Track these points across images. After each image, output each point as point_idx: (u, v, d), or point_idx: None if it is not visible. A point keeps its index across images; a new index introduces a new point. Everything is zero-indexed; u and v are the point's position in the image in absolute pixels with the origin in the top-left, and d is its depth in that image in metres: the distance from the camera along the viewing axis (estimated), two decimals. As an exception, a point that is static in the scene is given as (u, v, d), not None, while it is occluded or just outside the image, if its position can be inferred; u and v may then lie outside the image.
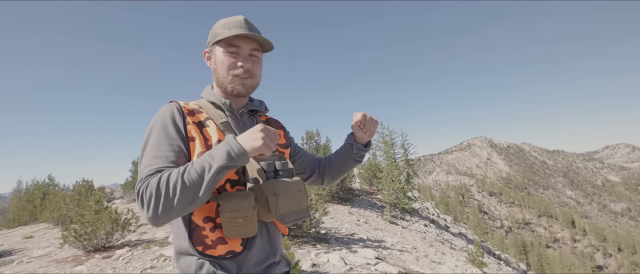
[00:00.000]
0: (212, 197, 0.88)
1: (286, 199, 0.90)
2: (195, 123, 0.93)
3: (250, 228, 0.86)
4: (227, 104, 1.01)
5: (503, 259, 12.38)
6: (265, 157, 0.97)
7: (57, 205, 8.43)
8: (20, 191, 11.94)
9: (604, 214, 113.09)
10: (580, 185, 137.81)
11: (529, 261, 56.49)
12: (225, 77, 0.99)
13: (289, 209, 0.92)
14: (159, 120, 0.90)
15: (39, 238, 7.19)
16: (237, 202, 0.84)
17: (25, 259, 5.19)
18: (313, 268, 4.40)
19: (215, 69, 1.01)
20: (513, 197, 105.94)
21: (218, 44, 0.99)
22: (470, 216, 73.40)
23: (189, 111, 0.95)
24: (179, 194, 0.74)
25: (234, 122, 1.02)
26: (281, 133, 1.18)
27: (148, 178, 0.78)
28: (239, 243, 0.90)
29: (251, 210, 0.85)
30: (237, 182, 0.93)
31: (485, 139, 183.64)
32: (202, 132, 0.93)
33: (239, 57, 0.98)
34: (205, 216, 0.89)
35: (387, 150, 13.50)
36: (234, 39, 0.97)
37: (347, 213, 9.42)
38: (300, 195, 0.98)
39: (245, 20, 0.99)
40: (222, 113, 1.01)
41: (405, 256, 5.94)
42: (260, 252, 0.95)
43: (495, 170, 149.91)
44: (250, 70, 0.99)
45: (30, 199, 10.63)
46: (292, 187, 0.95)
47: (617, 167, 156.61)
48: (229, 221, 0.84)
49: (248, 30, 0.97)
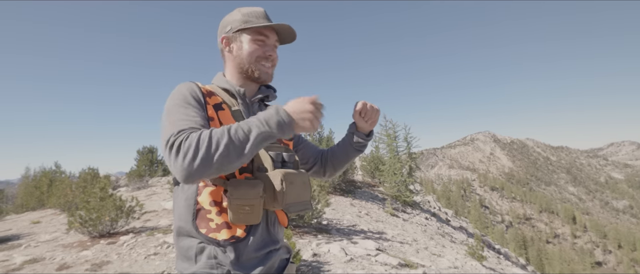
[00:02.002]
0: (220, 182, 0.89)
1: (292, 190, 0.92)
2: (213, 105, 0.94)
3: (255, 216, 0.87)
4: (241, 92, 1.02)
5: (503, 254, 12.45)
6: (273, 147, 1.00)
7: (63, 192, 8.56)
8: (28, 178, 12.10)
9: (606, 211, 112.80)
10: (583, 182, 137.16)
11: (528, 255, 56.78)
12: (252, 63, 1.01)
13: (295, 199, 0.93)
14: (181, 92, 0.89)
15: (46, 223, 7.33)
16: (246, 190, 0.85)
17: (32, 244, 5.30)
18: (314, 258, 4.47)
19: (239, 55, 1.02)
20: (515, 193, 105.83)
21: (245, 31, 1.01)
22: (472, 210, 73.54)
23: (207, 91, 0.96)
24: (222, 149, 0.72)
25: (245, 110, 1.02)
26: None
27: (185, 131, 0.75)
28: (242, 229, 0.90)
29: (258, 199, 0.86)
30: (246, 169, 0.94)
31: (489, 134, 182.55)
32: (218, 115, 0.94)
33: (266, 47, 1.02)
34: (212, 200, 0.89)
35: (390, 143, 13.50)
36: (264, 28, 1.01)
37: (348, 204, 9.48)
38: (305, 187, 0.99)
39: (267, 13, 1.04)
40: (234, 100, 1.01)
41: (406, 248, 6.00)
42: (261, 239, 0.95)
43: (498, 165, 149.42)
44: (274, 59, 1.05)
45: (38, 185, 10.78)
46: (298, 178, 0.96)
47: (622, 164, 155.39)
48: (236, 208, 0.85)
49: (271, 22, 1.02)
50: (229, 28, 1.03)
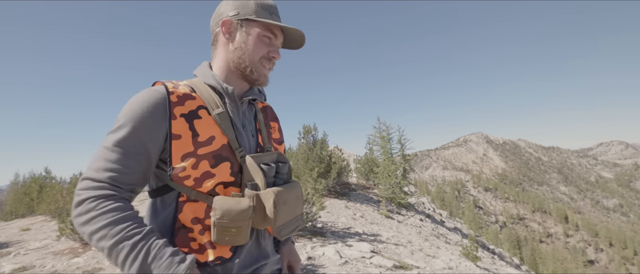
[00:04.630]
0: (203, 198, 0.79)
1: (285, 210, 0.83)
2: (184, 115, 0.78)
3: (242, 237, 0.77)
4: (230, 90, 0.86)
5: (497, 254, 12.57)
6: (266, 156, 0.89)
7: (54, 198, 8.41)
8: (17, 184, 11.86)
9: (597, 210, 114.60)
10: (574, 181, 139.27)
11: (522, 255, 57.32)
12: (252, 62, 0.87)
13: (287, 219, 0.85)
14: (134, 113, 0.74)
15: (36, 231, 7.19)
16: (234, 212, 0.75)
17: (22, 251, 5.20)
18: (309, 261, 4.46)
19: (241, 48, 0.86)
20: (508, 193, 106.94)
21: (255, 23, 0.86)
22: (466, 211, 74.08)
23: (178, 98, 0.79)
24: (98, 246, 0.68)
25: (233, 110, 0.88)
26: (276, 126, 1.07)
27: (98, 196, 0.70)
28: (228, 249, 0.80)
29: (247, 221, 0.77)
30: (233, 184, 0.82)
31: (482, 135, 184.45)
32: (192, 125, 0.78)
33: (271, 47, 0.89)
34: (194, 217, 0.78)
35: (384, 145, 13.57)
36: (275, 26, 0.88)
37: (343, 207, 9.49)
38: (298, 202, 0.91)
39: (277, 8, 0.92)
40: (219, 100, 0.85)
41: (401, 250, 6.03)
42: (250, 256, 0.87)
43: (491, 166, 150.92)
44: (275, 63, 0.93)
45: (27, 191, 10.57)
46: (292, 194, 0.87)
47: (611, 164, 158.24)
48: (221, 229, 0.75)
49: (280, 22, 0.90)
50: (235, 12, 0.86)
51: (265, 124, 1.01)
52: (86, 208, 0.69)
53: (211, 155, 0.79)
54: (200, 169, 0.78)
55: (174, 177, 0.76)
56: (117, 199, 0.72)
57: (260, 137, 0.95)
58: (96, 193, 0.70)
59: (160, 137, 0.76)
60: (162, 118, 0.76)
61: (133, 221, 0.71)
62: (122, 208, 0.71)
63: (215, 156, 0.79)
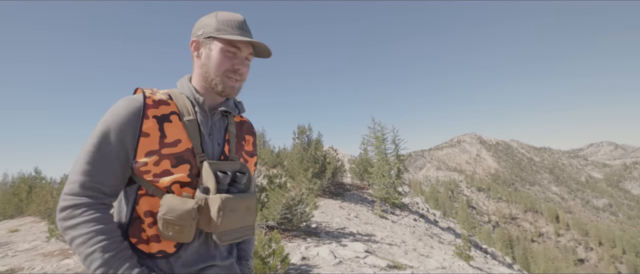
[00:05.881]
0: (158, 193, 0.85)
1: (231, 218, 0.87)
2: (157, 116, 0.86)
3: (185, 236, 0.83)
4: (201, 100, 0.94)
5: (490, 253, 12.69)
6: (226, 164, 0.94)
7: (43, 198, 8.26)
8: (6, 184, 11.67)
9: (587, 209, 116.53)
10: (565, 181, 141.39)
11: (514, 254, 57.96)
12: (217, 76, 0.93)
13: (231, 227, 0.88)
14: (112, 119, 0.83)
15: (25, 232, 7.06)
16: (178, 210, 0.81)
17: (10, 253, 5.10)
18: (303, 261, 4.45)
19: (206, 63, 0.94)
20: (501, 193, 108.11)
21: (217, 39, 0.92)
22: (459, 211, 74.67)
23: (153, 102, 0.88)
24: (77, 253, 0.79)
25: (203, 120, 0.95)
26: (251, 140, 1.13)
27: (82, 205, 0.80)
28: (172, 245, 0.87)
29: (190, 221, 0.82)
30: (189, 184, 0.88)
31: (475, 136, 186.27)
32: (162, 127, 0.86)
33: (236, 60, 0.94)
34: (147, 210, 0.86)
35: (378, 145, 13.61)
36: (237, 41, 0.92)
37: (337, 207, 9.50)
38: (248, 213, 0.94)
39: (245, 22, 0.96)
40: (192, 109, 0.94)
41: (394, 250, 6.05)
42: (195, 255, 0.91)
43: (484, 166, 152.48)
44: (243, 74, 0.96)
45: (16, 192, 10.37)
46: (242, 204, 0.90)
47: (601, 164, 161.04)
48: (164, 224, 0.82)
49: (249, 35, 0.95)
50: (201, 32, 0.94)
51: (236, 136, 1.06)
52: (70, 215, 0.79)
53: (174, 156, 0.86)
54: (161, 166, 0.85)
55: (136, 171, 0.85)
56: (98, 207, 0.82)
57: (228, 147, 1.00)
58: (79, 201, 0.80)
59: (135, 137, 0.84)
60: (136, 120, 0.84)
61: (107, 235, 0.80)
62: (100, 220, 0.80)
63: (177, 157, 0.87)
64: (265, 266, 3.39)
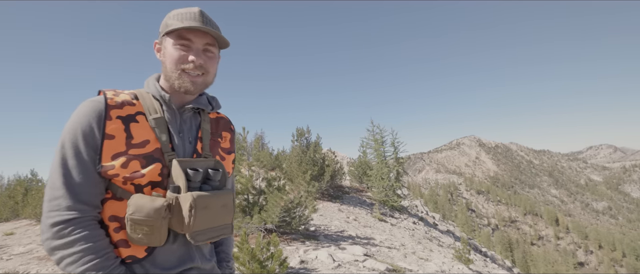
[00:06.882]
0: (127, 195, 0.82)
1: (205, 215, 0.82)
2: (121, 117, 0.83)
3: (156, 238, 0.80)
4: (166, 98, 0.90)
5: (489, 256, 12.65)
6: (198, 161, 0.90)
7: (39, 201, 8.21)
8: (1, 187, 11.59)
9: (587, 212, 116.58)
10: (565, 184, 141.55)
11: (514, 258, 57.86)
12: (173, 72, 0.88)
13: (206, 226, 0.84)
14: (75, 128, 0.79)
15: (20, 235, 6.99)
16: (146, 209, 0.77)
17: (5, 257, 5.04)
18: (301, 265, 4.41)
19: (164, 61, 0.91)
20: (500, 196, 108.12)
21: (169, 35, 0.89)
22: (458, 214, 74.57)
23: (116, 103, 0.84)
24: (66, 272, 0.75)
25: (171, 118, 0.91)
26: (228, 137, 1.08)
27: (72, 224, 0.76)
28: (142, 249, 0.83)
29: (160, 220, 0.78)
30: (159, 184, 0.85)
31: (474, 139, 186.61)
32: (128, 128, 0.83)
33: (190, 51, 0.88)
34: (112, 215, 0.82)
35: (377, 148, 13.60)
36: (186, 31, 0.87)
37: (336, 210, 9.45)
38: (224, 211, 0.90)
39: (200, 13, 0.89)
40: (159, 107, 0.90)
41: (394, 253, 6.01)
42: (172, 257, 0.88)
43: (483, 169, 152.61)
44: (202, 66, 0.89)
45: (12, 195, 10.31)
46: (216, 202, 0.86)
47: (600, 167, 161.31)
48: (132, 225, 0.78)
49: (202, 24, 0.87)
50: (159, 32, 0.92)
51: (211, 133, 1.02)
52: (59, 233, 0.75)
53: (142, 156, 0.83)
54: (131, 168, 0.81)
55: (103, 175, 0.80)
56: (89, 223, 0.78)
57: (201, 145, 0.97)
58: (68, 216, 0.76)
59: (99, 140, 0.80)
60: (98, 123, 0.80)
61: (98, 254, 0.76)
62: (90, 237, 0.77)
63: (146, 157, 0.83)
64: (264, 270, 3.35)
